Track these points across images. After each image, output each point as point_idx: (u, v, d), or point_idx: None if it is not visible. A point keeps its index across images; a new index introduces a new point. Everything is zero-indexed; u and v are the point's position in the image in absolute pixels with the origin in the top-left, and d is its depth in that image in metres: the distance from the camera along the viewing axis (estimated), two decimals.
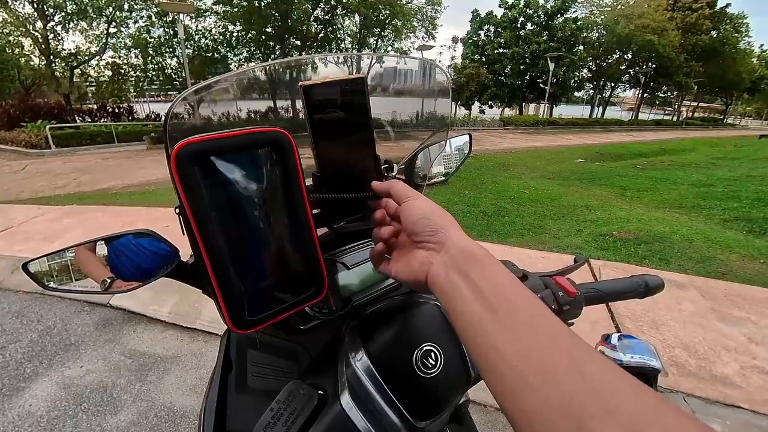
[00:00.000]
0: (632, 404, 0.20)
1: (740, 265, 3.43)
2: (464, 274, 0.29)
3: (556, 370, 0.22)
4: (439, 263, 0.32)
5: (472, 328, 0.27)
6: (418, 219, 0.35)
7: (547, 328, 0.25)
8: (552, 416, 0.21)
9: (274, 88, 0.52)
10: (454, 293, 0.29)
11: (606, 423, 0.19)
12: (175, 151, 0.29)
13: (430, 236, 0.33)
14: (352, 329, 0.46)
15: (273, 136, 0.34)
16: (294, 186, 0.36)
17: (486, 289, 0.28)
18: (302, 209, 0.37)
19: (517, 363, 0.23)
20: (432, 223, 0.34)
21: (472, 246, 0.31)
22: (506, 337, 0.25)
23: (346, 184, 0.47)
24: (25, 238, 3.68)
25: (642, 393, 0.21)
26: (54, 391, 1.90)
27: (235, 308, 0.35)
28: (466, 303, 0.28)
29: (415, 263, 0.34)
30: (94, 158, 10.97)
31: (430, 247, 0.33)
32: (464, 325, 0.28)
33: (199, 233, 0.31)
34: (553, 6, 26.88)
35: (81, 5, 15.40)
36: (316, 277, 0.40)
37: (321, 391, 0.39)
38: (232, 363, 0.55)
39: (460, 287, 0.29)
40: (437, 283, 0.31)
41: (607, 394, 0.20)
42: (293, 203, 0.36)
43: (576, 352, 0.23)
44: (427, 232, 0.34)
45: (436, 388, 0.42)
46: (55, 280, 0.52)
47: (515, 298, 0.27)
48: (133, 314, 2.51)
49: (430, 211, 0.35)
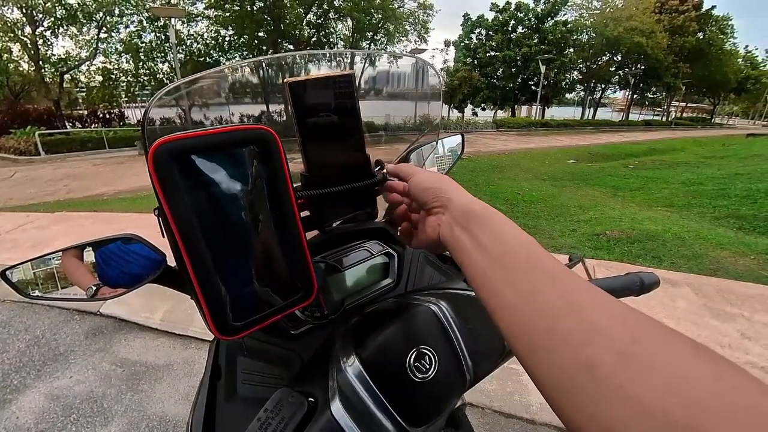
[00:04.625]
0: (627, 331, 0.21)
1: (731, 261, 3.48)
2: (467, 230, 0.32)
3: (554, 309, 0.23)
4: (446, 223, 0.35)
5: (478, 278, 0.29)
6: (423, 189, 0.38)
7: (545, 271, 0.26)
8: (560, 356, 0.21)
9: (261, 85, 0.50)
10: (459, 247, 0.32)
11: (613, 356, 0.20)
12: (153, 149, 0.28)
13: (435, 201, 0.37)
14: (343, 333, 0.45)
15: (257, 134, 0.33)
16: (280, 186, 0.34)
17: (487, 242, 0.30)
18: (289, 209, 0.36)
19: (518, 305, 0.25)
20: (434, 190, 0.37)
21: (472, 204, 0.34)
22: (507, 282, 0.27)
23: (335, 183, 0.46)
24: (13, 246, 3.60)
25: (638, 319, 0.21)
26: (42, 402, 1.85)
27: (219, 313, 0.33)
28: (470, 255, 0.31)
29: (429, 229, 0.37)
30: (84, 164, 10.83)
31: (437, 211, 0.37)
32: (471, 276, 0.30)
33: (180, 236, 0.30)
34: (543, 9, 27.24)
35: (71, 10, 15.25)
36: (305, 280, 0.39)
37: (311, 398, 0.38)
38: (222, 370, 0.53)
39: (463, 241, 0.32)
40: (446, 240, 0.35)
41: (607, 328, 0.21)
42: (279, 203, 0.35)
43: (576, 293, 0.24)
44: (432, 198, 0.37)
45: (431, 393, 0.41)
46: (40, 287, 0.51)
47: (515, 247, 0.29)
48: (124, 322, 2.46)
49: (432, 180, 0.39)
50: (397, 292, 0.62)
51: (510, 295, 0.26)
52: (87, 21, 15.95)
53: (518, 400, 1.81)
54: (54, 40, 16.16)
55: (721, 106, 47.88)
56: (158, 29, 16.97)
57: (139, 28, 17.09)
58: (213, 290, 0.32)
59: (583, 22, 28.71)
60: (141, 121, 0.34)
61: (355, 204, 0.50)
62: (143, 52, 17.32)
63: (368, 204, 0.51)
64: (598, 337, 0.21)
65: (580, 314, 0.22)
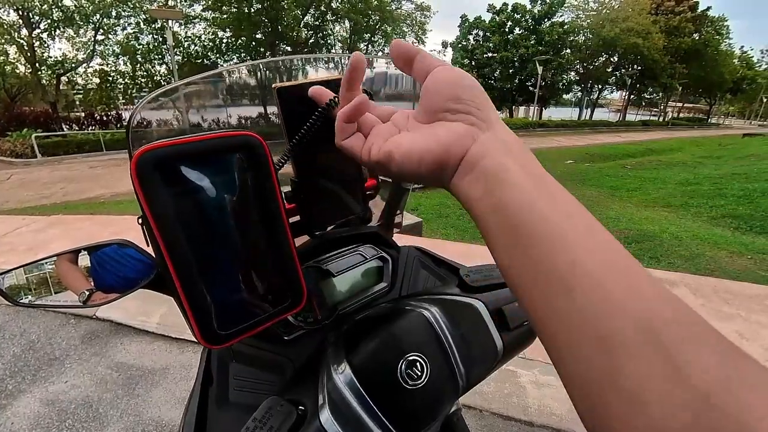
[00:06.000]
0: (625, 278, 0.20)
1: (728, 261, 3.49)
2: (517, 160, 0.25)
3: (616, 266, 0.21)
4: (489, 141, 0.26)
5: (525, 212, 0.23)
6: (464, 86, 0.28)
7: (620, 248, 0.23)
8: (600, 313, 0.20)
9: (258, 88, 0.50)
10: (504, 175, 0.25)
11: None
12: (136, 157, 0.28)
13: (477, 109, 0.27)
14: (335, 339, 0.45)
15: (244, 141, 0.32)
16: (267, 192, 0.34)
17: (539, 177, 0.25)
18: (277, 215, 0.35)
19: (602, 276, 0.21)
20: (480, 95, 0.28)
21: (519, 139, 0.27)
22: (587, 245, 0.22)
23: (326, 188, 0.46)
24: (9, 250, 3.58)
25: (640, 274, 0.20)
26: (37, 407, 1.84)
27: (206, 323, 0.33)
28: (521, 189, 0.24)
29: (448, 134, 0.27)
30: (81, 167, 10.78)
31: (473, 120, 0.27)
32: (515, 209, 0.24)
33: (164, 245, 0.29)
34: (540, 11, 27.36)
35: (67, 12, 15.21)
36: (294, 287, 0.38)
37: (301, 406, 0.37)
38: (213, 376, 0.53)
39: (513, 171, 0.25)
40: (482, 163, 0.26)
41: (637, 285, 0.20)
42: (267, 210, 0.35)
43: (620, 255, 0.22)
44: (475, 103, 0.28)
45: (423, 400, 0.40)
46: (32, 293, 0.50)
47: (582, 208, 0.24)
48: (120, 326, 2.45)
49: (473, 81, 0.29)
50: (391, 296, 0.61)
51: (573, 238, 0.22)
52: (84, 23, 15.92)
53: (516, 402, 1.81)
54: (51, 43, 16.12)
55: (718, 106, 48.16)
56: (155, 31, 16.96)
57: (136, 30, 17.08)
58: (199, 299, 0.32)
59: (579, 23, 28.85)
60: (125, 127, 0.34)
61: (347, 208, 0.49)
62: (140, 54, 17.29)
63: (361, 208, 0.50)
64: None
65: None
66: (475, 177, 0.26)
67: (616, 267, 0.21)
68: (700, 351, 0.18)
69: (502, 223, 0.24)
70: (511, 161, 0.25)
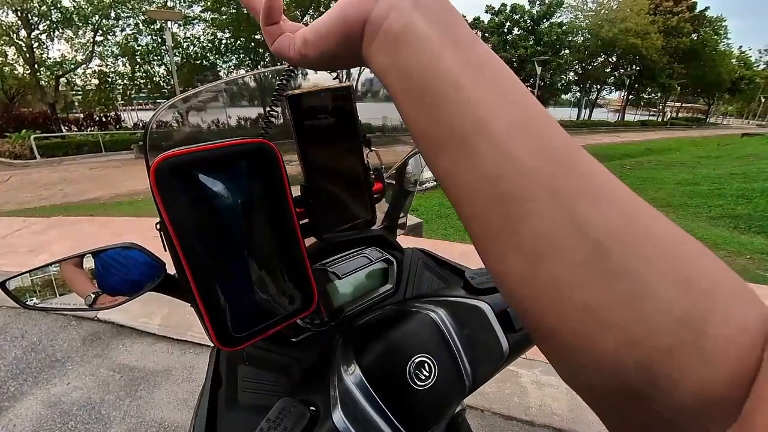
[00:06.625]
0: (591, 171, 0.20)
1: (728, 261, 3.47)
2: (428, 15, 0.21)
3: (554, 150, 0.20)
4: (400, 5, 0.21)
5: (444, 92, 0.20)
6: None
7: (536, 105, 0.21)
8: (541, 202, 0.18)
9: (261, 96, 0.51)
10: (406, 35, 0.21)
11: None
12: (155, 164, 0.28)
13: None
14: (343, 341, 0.45)
15: (257, 147, 0.33)
16: (280, 197, 0.35)
17: (465, 46, 0.20)
18: (289, 220, 0.36)
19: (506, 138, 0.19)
20: None
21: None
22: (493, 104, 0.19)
23: (335, 192, 0.46)
24: (8, 251, 3.58)
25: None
26: (39, 409, 1.84)
27: (221, 325, 0.34)
28: (424, 47, 0.20)
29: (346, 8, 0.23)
30: (80, 168, 10.78)
31: None
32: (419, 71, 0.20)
33: (182, 249, 0.30)
34: (539, 11, 27.41)
35: (66, 14, 15.20)
36: (305, 289, 0.39)
37: (313, 407, 0.38)
38: (222, 378, 0.54)
39: (418, 28, 0.21)
40: (385, 24, 0.22)
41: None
42: (279, 215, 0.35)
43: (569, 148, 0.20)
44: None
45: (431, 400, 0.41)
46: (38, 295, 0.51)
47: (500, 66, 0.21)
48: (122, 327, 2.45)
49: None
50: (396, 298, 0.62)
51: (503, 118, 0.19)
52: (83, 24, 15.90)
53: (517, 401, 1.82)
54: (49, 44, 16.10)
55: (716, 106, 48.29)
56: (155, 32, 16.93)
57: (135, 31, 17.05)
58: (215, 303, 0.33)
59: (578, 24, 28.91)
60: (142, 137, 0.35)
61: (355, 212, 0.50)
62: (140, 55, 17.26)
63: (367, 211, 0.51)
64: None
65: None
66: (379, 42, 0.22)
67: (524, 128, 0.19)
68: (598, 203, 0.18)
69: (408, 90, 0.21)
70: (418, 16, 0.21)
